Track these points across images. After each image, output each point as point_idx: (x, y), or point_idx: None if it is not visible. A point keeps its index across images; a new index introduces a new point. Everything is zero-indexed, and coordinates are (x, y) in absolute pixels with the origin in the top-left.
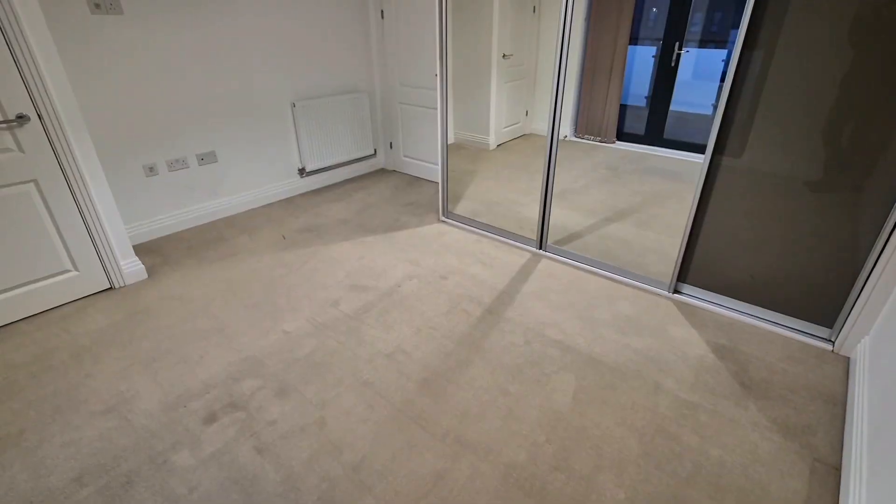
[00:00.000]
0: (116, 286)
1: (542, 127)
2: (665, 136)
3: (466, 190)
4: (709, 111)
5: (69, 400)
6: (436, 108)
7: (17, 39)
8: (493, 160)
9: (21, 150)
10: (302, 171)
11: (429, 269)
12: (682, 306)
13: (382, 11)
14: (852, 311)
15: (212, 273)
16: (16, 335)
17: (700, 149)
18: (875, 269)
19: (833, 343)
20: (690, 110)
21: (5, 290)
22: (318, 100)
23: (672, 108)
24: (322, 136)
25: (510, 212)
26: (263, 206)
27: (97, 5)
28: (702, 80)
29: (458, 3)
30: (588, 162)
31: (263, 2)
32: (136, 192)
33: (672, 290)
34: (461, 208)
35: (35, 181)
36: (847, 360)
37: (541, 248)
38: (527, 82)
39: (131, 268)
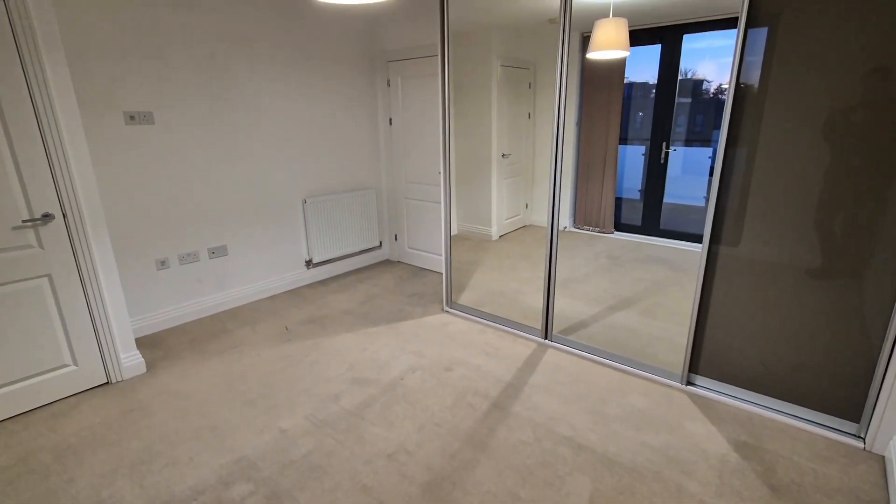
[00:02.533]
0: (113, 381)
1: (542, 219)
2: (661, 227)
3: (470, 280)
4: (701, 203)
5: None
6: (439, 202)
7: (55, 146)
8: (496, 250)
9: (41, 246)
10: (308, 263)
11: (433, 360)
12: (696, 399)
13: (391, 119)
14: (877, 405)
15: (211, 367)
16: (2, 434)
17: (697, 238)
18: (892, 361)
19: (864, 440)
20: (683, 202)
21: (1, 386)
22: (328, 196)
23: (665, 200)
24: (330, 229)
25: (514, 301)
26: (268, 298)
27: (132, 117)
28: (691, 174)
29: (460, 110)
30: (589, 251)
31: (281, 112)
32: (145, 286)
33: (685, 381)
34: (465, 298)
35: (49, 276)
36: (882, 459)
37: (546, 338)
38: (525, 178)
39: (130, 362)
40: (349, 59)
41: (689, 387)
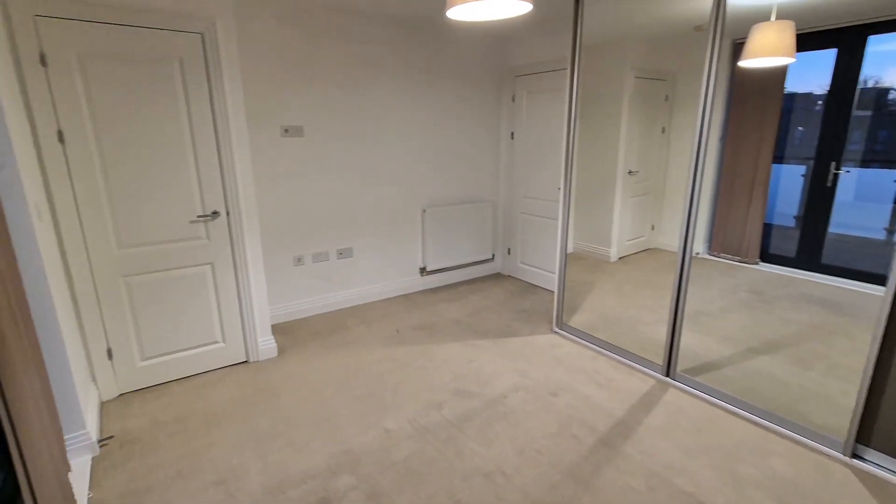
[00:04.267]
0: (251, 361)
1: (670, 242)
2: (823, 261)
3: (583, 302)
4: (881, 235)
5: (191, 465)
6: (557, 219)
7: (226, 154)
8: (614, 273)
9: (208, 238)
10: (423, 270)
11: (538, 382)
12: (864, 477)
13: (513, 133)
14: None
15: (330, 359)
16: (166, 394)
17: (871, 278)
18: None
19: None
20: (855, 233)
21: (169, 353)
22: (446, 207)
23: (831, 230)
24: (445, 239)
25: (632, 330)
26: (383, 300)
27: (286, 130)
28: (868, 201)
29: (586, 124)
30: (726, 283)
31: (406, 126)
32: (283, 279)
33: (849, 452)
34: (577, 321)
35: (212, 264)
36: None
37: (667, 376)
38: (653, 197)
39: (266, 345)
40: (475, 75)
41: (854, 460)
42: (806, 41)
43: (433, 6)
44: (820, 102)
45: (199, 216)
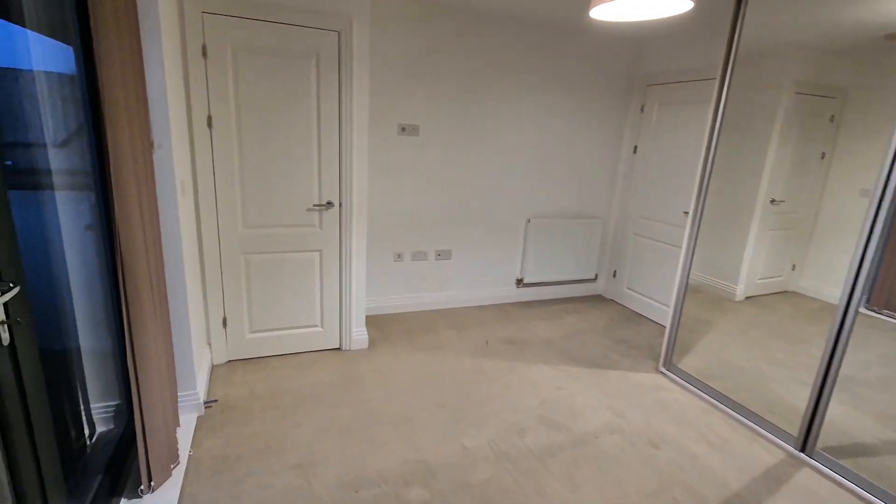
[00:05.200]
0: (343, 348)
1: (814, 286)
2: None
3: (698, 342)
4: None
5: (277, 442)
6: (676, 245)
7: (346, 150)
8: (739, 314)
9: (320, 227)
10: (519, 282)
11: (636, 427)
12: None
13: (636, 147)
14: None
15: (417, 360)
16: (265, 368)
17: None
18: None
19: None
20: None
21: (273, 329)
22: (552, 219)
23: None
24: (547, 252)
25: (757, 386)
26: (476, 307)
27: (403, 129)
28: None
29: (725, 142)
30: (889, 346)
31: (520, 132)
32: (381, 272)
33: None
34: (689, 364)
35: (321, 251)
36: None
37: (803, 451)
38: (799, 232)
39: (359, 336)
40: (601, 83)
41: None
42: None
43: (568, 8)
44: None
45: (315, 205)
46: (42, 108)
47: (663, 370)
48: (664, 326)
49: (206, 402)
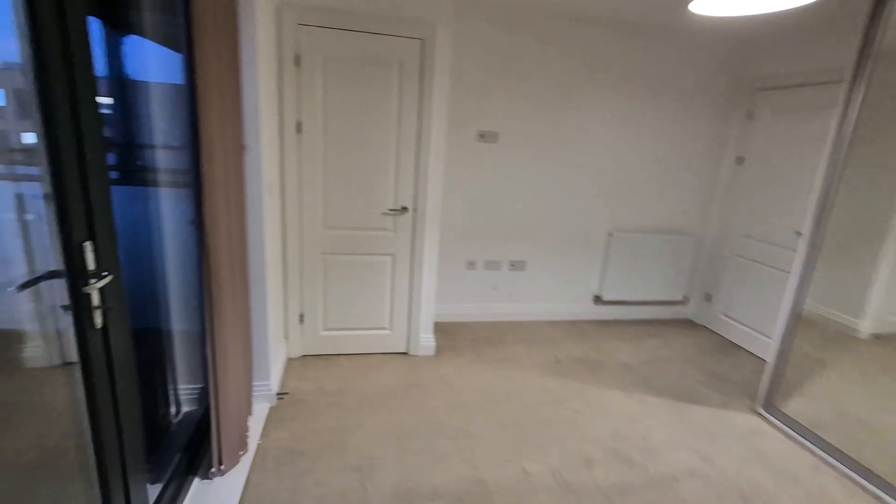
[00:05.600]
0: (410, 353)
1: None
2: None
3: (808, 384)
4: None
5: (339, 442)
6: (784, 270)
7: (423, 156)
8: (863, 354)
9: (394, 231)
10: (597, 299)
11: (724, 475)
12: None
13: (741, 157)
14: None
15: (482, 372)
16: (335, 365)
17: None
18: None
19: None
20: None
21: (345, 329)
22: (638, 234)
23: None
24: (630, 269)
25: (887, 444)
26: (549, 322)
27: (482, 136)
28: None
29: (853, 152)
30: None
31: (606, 140)
32: (453, 280)
33: None
34: (794, 407)
35: (393, 255)
36: None
37: None
38: None
39: (426, 342)
40: (699, 88)
41: None
42: None
43: (665, 8)
44: None
45: (391, 209)
46: (157, 113)
47: (762, 412)
48: (766, 361)
49: (278, 394)
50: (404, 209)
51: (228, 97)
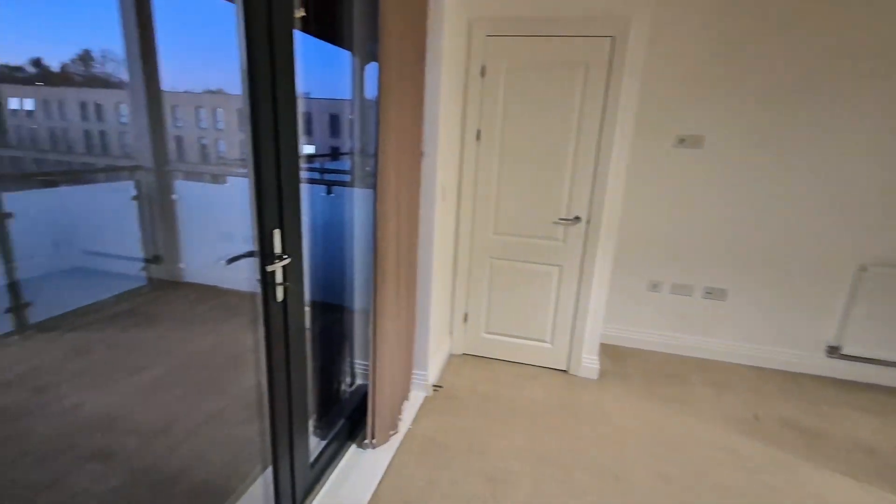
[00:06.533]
0: (569, 372)
1: None
2: None
3: None
4: None
5: (481, 447)
6: None
7: (602, 163)
8: None
9: (564, 241)
10: (832, 350)
11: None
12: None
13: None
14: None
15: (651, 409)
16: (491, 369)
17: None
18: None
19: None
20: None
21: (505, 335)
22: None
23: None
24: (891, 318)
25: None
26: (752, 367)
27: (682, 140)
28: None
29: None
30: None
31: (865, 140)
32: (630, 300)
33: None
34: None
35: (560, 266)
36: None
37: None
38: None
39: (588, 363)
40: None
41: None
42: None
43: None
44: None
45: (562, 219)
46: (357, 123)
47: None
48: None
49: (434, 386)
50: (576, 219)
51: (408, 109)
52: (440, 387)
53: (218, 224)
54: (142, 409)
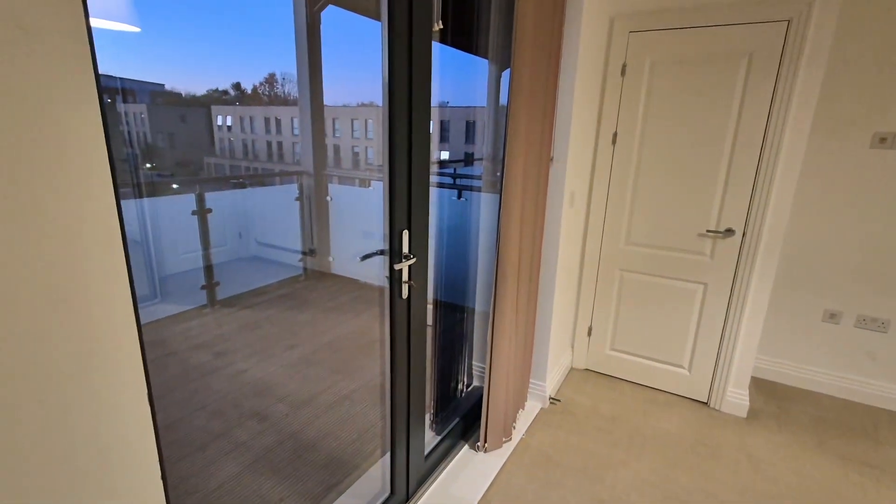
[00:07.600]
0: (711, 405)
1: None
2: None
3: None
4: None
5: (596, 470)
6: None
7: (767, 167)
8: None
9: (711, 256)
10: None
11: None
12: None
13: None
14: None
15: (822, 466)
16: (616, 390)
17: None
18: None
19: None
20: None
21: (634, 355)
22: None
23: None
24: None
25: None
26: None
27: (882, 140)
28: None
29: None
30: None
31: None
32: (797, 330)
33: None
34: None
35: (705, 284)
36: None
37: None
38: None
39: (735, 399)
40: None
41: None
42: None
43: None
44: None
45: (710, 231)
46: (490, 130)
47: None
48: None
49: (551, 398)
50: (728, 231)
51: (539, 115)
52: (558, 400)
53: (362, 224)
54: (292, 381)
